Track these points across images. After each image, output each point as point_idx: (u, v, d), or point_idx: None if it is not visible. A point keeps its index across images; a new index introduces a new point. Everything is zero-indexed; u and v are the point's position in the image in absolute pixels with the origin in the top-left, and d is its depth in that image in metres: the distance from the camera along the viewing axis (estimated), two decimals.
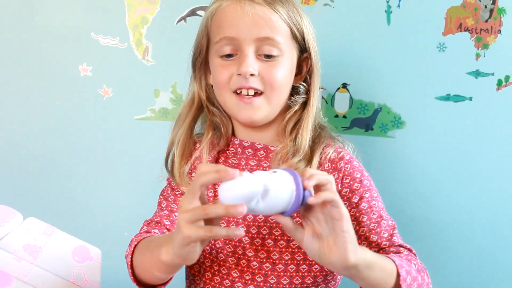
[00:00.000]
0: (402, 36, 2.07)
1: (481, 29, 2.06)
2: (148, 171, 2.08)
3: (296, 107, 1.57)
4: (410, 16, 2.06)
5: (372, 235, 1.48)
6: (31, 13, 2.10)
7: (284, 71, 1.51)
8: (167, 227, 1.50)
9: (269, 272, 1.51)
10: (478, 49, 2.06)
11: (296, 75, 1.58)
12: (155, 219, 1.54)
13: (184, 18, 2.10)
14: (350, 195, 1.52)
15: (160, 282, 1.41)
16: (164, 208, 1.55)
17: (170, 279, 1.42)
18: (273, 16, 1.48)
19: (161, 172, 1.66)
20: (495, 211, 2.10)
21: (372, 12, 2.07)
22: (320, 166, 1.53)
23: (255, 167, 1.55)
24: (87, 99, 2.13)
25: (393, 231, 1.49)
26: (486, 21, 2.05)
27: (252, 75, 1.48)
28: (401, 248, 1.47)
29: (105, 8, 2.11)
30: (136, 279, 1.42)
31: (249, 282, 1.52)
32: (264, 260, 1.51)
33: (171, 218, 1.52)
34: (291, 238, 1.50)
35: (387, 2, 2.06)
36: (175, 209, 1.54)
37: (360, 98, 2.09)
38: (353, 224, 1.29)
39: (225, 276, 1.54)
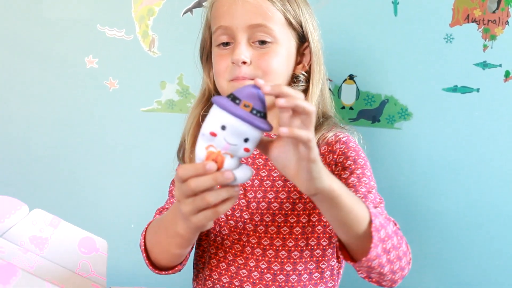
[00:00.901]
0: (409, 27, 2.07)
1: (488, 20, 2.05)
2: (155, 162, 2.09)
3: None
4: (417, 7, 2.06)
5: None
6: (38, 5, 2.10)
7: (279, 58, 1.51)
8: None
9: (273, 259, 1.52)
10: (485, 40, 2.06)
11: (298, 64, 1.58)
12: (167, 206, 1.56)
13: (190, 10, 2.10)
14: (342, 172, 1.50)
15: (177, 262, 1.43)
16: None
17: (185, 261, 1.44)
18: (264, 4, 1.50)
19: (172, 166, 1.67)
20: (502, 201, 2.10)
21: (379, 3, 2.07)
22: (318, 148, 1.52)
23: (257, 156, 1.57)
24: (93, 91, 2.13)
25: (379, 205, 1.46)
26: (494, 12, 2.05)
27: (244, 62, 1.48)
28: None
29: (111, 0, 2.11)
30: (152, 264, 1.44)
31: (253, 268, 1.53)
32: (268, 247, 1.53)
33: None
34: (294, 224, 1.51)
35: None
36: None
37: (367, 89, 2.09)
38: None
39: (230, 263, 1.55)
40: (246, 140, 1.08)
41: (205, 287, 1.60)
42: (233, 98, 1.08)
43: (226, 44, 1.52)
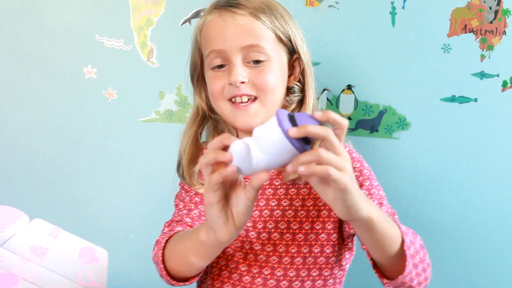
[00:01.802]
0: (407, 37, 2.07)
1: (486, 30, 2.06)
2: (154, 172, 2.10)
3: (293, 106, 1.60)
4: (414, 17, 2.06)
5: None
6: (36, 15, 2.10)
7: (274, 74, 1.54)
8: (189, 224, 1.52)
9: (276, 265, 1.54)
10: (483, 50, 2.06)
11: (290, 76, 1.61)
12: (176, 219, 1.56)
13: (188, 20, 2.10)
14: None
15: (195, 272, 1.42)
16: (182, 208, 1.58)
17: (201, 273, 1.45)
18: (255, 24, 1.52)
19: (172, 183, 1.67)
20: (500, 211, 2.10)
21: (377, 13, 2.07)
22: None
23: None
24: (92, 101, 2.13)
25: (393, 216, 1.50)
26: (491, 22, 2.05)
27: (242, 82, 1.51)
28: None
29: (110, 10, 2.11)
30: (168, 274, 1.44)
31: (256, 275, 1.54)
32: (271, 253, 1.54)
33: (190, 216, 1.55)
34: (297, 231, 1.53)
35: (392, 3, 2.06)
36: (193, 208, 1.57)
37: (365, 99, 2.09)
38: None
39: (233, 270, 1.56)
40: (282, 162, 1.13)
41: None
42: (291, 119, 1.12)
43: (220, 66, 1.54)
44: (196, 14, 2.10)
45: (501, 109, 2.08)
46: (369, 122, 2.10)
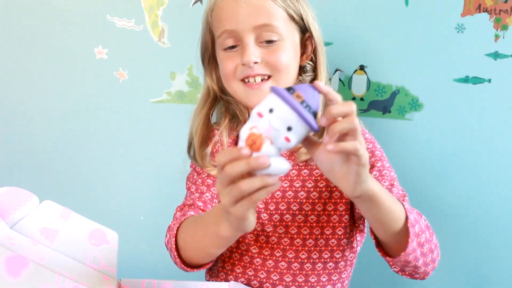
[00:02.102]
0: (420, 17, 2.05)
1: (500, 10, 2.04)
2: (165, 153, 2.09)
3: None
4: None
5: None
6: None
7: (287, 53, 1.54)
8: (201, 208, 1.52)
9: (288, 247, 1.54)
10: (497, 30, 2.04)
11: (302, 55, 1.61)
12: (188, 203, 1.56)
13: (200, 0, 2.09)
14: None
15: (211, 259, 1.42)
16: (194, 192, 1.58)
17: (215, 259, 1.46)
18: (266, 3, 1.52)
19: (183, 165, 1.67)
20: None
21: None
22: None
23: None
24: (103, 82, 2.13)
25: (403, 198, 1.49)
26: (506, 1, 2.03)
27: (255, 63, 1.51)
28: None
29: None
30: (182, 261, 1.44)
31: (268, 257, 1.55)
32: (283, 235, 1.54)
33: (203, 199, 1.55)
34: (309, 213, 1.53)
35: None
36: (205, 190, 1.57)
37: (377, 80, 2.08)
38: None
39: (244, 252, 1.57)
40: (289, 128, 1.08)
41: (218, 279, 1.61)
42: (289, 88, 1.09)
43: (232, 47, 1.54)
44: None
45: None
46: (381, 103, 2.08)
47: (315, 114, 1.10)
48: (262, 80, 1.53)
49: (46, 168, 2.15)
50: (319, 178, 1.55)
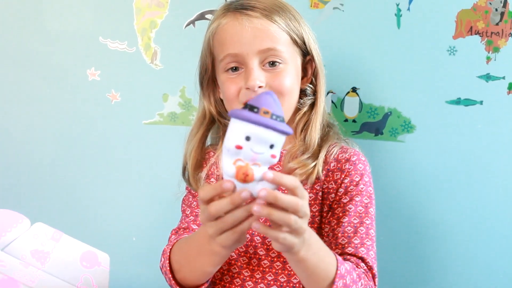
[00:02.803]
0: (412, 39, 2.06)
1: (491, 32, 2.05)
2: (157, 175, 2.09)
3: (305, 109, 1.61)
4: (420, 19, 2.05)
5: (343, 238, 1.48)
6: (39, 17, 2.10)
7: (290, 77, 1.55)
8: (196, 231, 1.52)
9: (280, 271, 1.54)
10: (488, 53, 2.05)
11: (302, 78, 1.62)
12: (183, 226, 1.57)
13: (192, 22, 2.09)
14: (343, 195, 1.54)
15: (207, 278, 1.43)
16: (189, 215, 1.58)
17: (211, 278, 1.45)
18: (271, 27, 1.52)
19: (178, 188, 1.67)
20: (506, 215, 2.09)
21: (382, 15, 2.06)
22: (326, 164, 1.56)
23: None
24: (95, 103, 2.12)
25: (366, 242, 1.48)
26: (497, 24, 2.04)
27: (260, 87, 1.51)
28: (361, 263, 1.46)
29: (114, 12, 2.10)
30: (177, 284, 1.44)
31: (259, 280, 1.54)
32: (275, 259, 1.54)
33: (197, 222, 1.56)
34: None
35: (397, 5, 2.05)
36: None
37: (370, 102, 2.08)
38: (333, 221, 1.45)
39: (235, 275, 1.56)
40: (271, 146, 1.09)
41: None
42: (251, 107, 1.09)
43: (235, 69, 1.54)
44: (201, 16, 2.09)
45: (507, 112, 2.06)
46: (374, 125, 2.08)
47: (283, 119, 1.11)
48: None
49: (38, 190, 2.14)
50: (312, 202, 1.55)
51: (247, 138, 1.07)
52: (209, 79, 1.64)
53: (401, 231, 2.10)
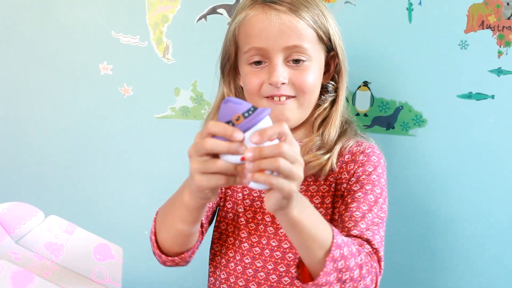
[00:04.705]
0: (424, 33, 2.06)
1: (503, 27, 2.04)
2: (169, 169, 2.10)
3: (325, 105, 1.61)
4: (431, 13, 2.05)
5: (349, 222, 1.46)
6: (51, 12, 2.11)
7: (313, 75, 1.55)
8: (202, 220, 1.55)
9: (283, 238, 1.55)
10: (500, 47, 2.05)
11: (325, 73, 1.62)
12: None
13: (204, 16, 2.10)
14: (354, 184, 1.53)
15: (182, 240, 1.44)
16: None
17: (192, 252, 1.47)
18: (298, 23, 1.51)
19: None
20: None
21: (394, 9, 2.06)
22: (341, 156, 1.56)
23: None
24: (107, 97, 2.13)
25: (372, 227, 1.46)
26: (509, 18, 2.04)
27: (283, 83, 1.51)
28: (366, 244, 1.41)
29: (126, 7, 2.11)
30: (160, 250, 1.46)
31: (265, 246, 1.56)
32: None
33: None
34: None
35: None
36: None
37: (381, 96, 2.08)
38: (342, 207, 1.44)
39: (243, 240, 1.58)
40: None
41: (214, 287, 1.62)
42: (227, 123, 1.11)
43: (258, 62, 1.54)
44: (212, 11, 2.10)
45: None
46: (385, 119, 2.09)
47: (254, 106, 1.12)
48: (286, 98, 1.54)
49: (52, 183, 2.15)
50: (325, 194, 1.55)
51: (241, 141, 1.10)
52: (230, 67, 1.63)
53: (412, 225, 2.10)
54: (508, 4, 2.03)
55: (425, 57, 2.06)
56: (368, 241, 1.41)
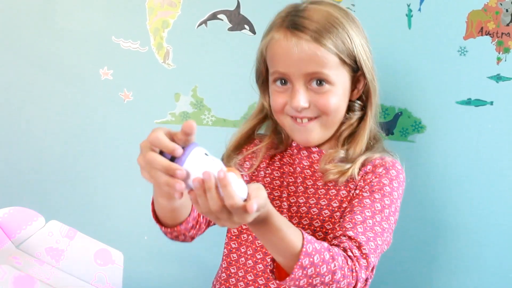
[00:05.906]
0: (423, 40, 2.07)
1: (502, 33, 2.05)
2: None
3: (352, 121, 1.61)
4: (431, 20, 2.06)
5: (349, 223, 1.46)
6: (52, 17, 2.11)
7: (336, 97, 1.54)
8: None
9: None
10: (499, 53, 2.06)
11: (353, 90, 1.61)
12: None
13: (205, 22, 2.10)
14: (365, 191, 1.53)
15: (167, 214, 1.49)
16: None
17: (185, 223, 1.48)
18: (319, 51, 1.50)
19: None
20: None
21: (393, 15, 2.07)
22: (363, 166, 1.57)
23: (307, 167, 1.61)
24: (107, 102, 2.14)
25: (369, 233, 1.45)
26: (508, 25, 2.05)
27: (304, 108, 1.53)
28: (355, 249, 1.41)
29: (126, 12, 2.12)
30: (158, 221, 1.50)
31: (259, 261, 1.57)
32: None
33: None
34: (329, 231, 1.54)
35: (408, 6, 2.06)
36: None
37: (380, 102, 2.07)
38: (347, 208, 1.48)
39: (242, 255, 1.60)
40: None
41: (220, 279, 1.63)
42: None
43: (283, 82, 1.55)
44: (213, 16, 2.10)
45: None
46: (384, 125, 2.08)
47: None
48: (309, 120, 1.55)
49: (52, 188, 2.15)
50: (344, 199, 1.55)
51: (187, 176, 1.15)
52: (263, 80, 1.64)
53: (412, 231, 2.11)
54: (507, 10, 2.04)
55: (424, 63, 2.07)
56: (359, 245, 1.41)
